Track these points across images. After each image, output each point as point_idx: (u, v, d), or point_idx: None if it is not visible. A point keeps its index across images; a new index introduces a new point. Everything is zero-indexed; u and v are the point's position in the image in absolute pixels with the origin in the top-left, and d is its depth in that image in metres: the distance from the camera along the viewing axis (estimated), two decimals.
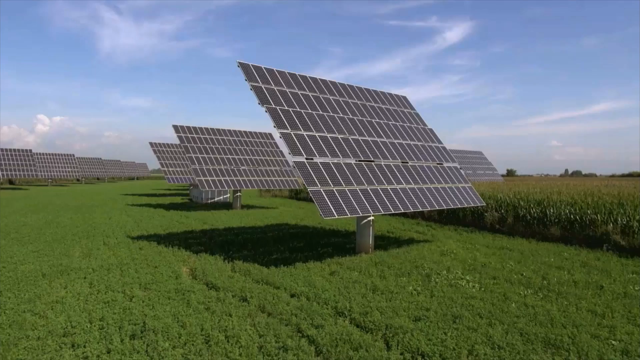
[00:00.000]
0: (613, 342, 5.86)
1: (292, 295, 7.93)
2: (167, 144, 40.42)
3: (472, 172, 49.41)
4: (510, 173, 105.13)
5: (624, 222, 12.94)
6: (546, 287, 8.66)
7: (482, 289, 8.53)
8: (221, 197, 33.15)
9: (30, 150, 53.65)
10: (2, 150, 49.81)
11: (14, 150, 52.08)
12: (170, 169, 38.33)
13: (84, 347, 5.54)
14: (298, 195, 36.26)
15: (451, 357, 5.28)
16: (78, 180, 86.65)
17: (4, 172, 42.87)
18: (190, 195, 36.74)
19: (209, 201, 32.34)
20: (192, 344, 5.62)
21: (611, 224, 13.10)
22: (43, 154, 64.06)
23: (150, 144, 39.86)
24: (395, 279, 9.24)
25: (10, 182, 66.41)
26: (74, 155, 70.11)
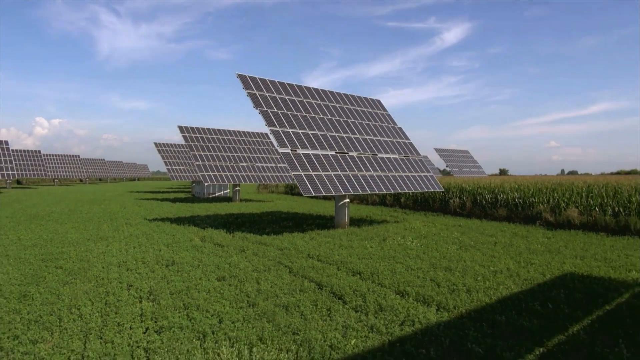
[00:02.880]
0: (491, 267, 8.66)
1: (278, 249, 10.72)
2: (171, 144, 43.18)
3: (458, 169, 52.26)
4: (502, 172, 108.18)
5: (553, 203, 15.77)
6: (470, 245, 11.46)
7: (421, 246, 11.33)
8: (221, 192, 35.94)
9: (39, 151, 56.37)
10: (13, 151, 52.48)
11: (24, 151, 54.78)
12: (174, 167, 41.07)
13: (136, 270, 8.33)
14: (293, 190, 39.07)
15: (377, 272, 8.08)
16: (81, 180, 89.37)
17: (15, 172, 45.56)
18: (193, 191, 39.50)
19: (210, 196, 35.13)
20: (207, 268, 8.42)
21: (543, 205, 15.92)
22: (50, 154, 66.74)
23: (155, 144, 42.63)
24: (359, 242, 12.02)
25: (18, 182, 69.06)
26: (79, 156, 72.84)
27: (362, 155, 15.44)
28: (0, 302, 6.18)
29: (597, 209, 14.48)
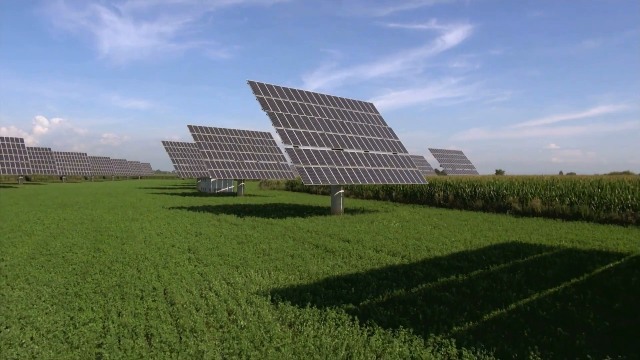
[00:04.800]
0: (452, 238, 10.94)
1: (283, 227, 13.02)
2: (178, 142, 45.46)
3: (452, 169, 54.56)
4: (498, 173, 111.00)
5: (522, 195, 18.08)
6: (443, 226, 13.74)
7: (402, 226, 13.62)
8: (226, 188, 38.21)
9: (49, 149, 58.65)
10: (28, 148, 54.69)
11: (36, 148, 57.07)
12: (181, 165, 43.34)
13: (172, 237, 10.61)
14: (294, 187, 41.37)
15: (361, 240, 10.36)
16: (86, 178, 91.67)
17: (29, 168, 47.81)
18: (199, 187, 41.78)
19: (216, 191, 37.40)
20: (228, 237, 10.71)
21: (513, 196, 18.23)
22: (60, 152, 69.01)
23: (163, 142, 44.93)
24: (350, 223, 14.30)
25: (27, 178, 71.31)
26: (86, 154, 75.12)
27: (356, 152, 17.74)
28: (83, 252, 8.48)
29: (557, 200, 16.78)
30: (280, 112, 16.41)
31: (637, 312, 5.27)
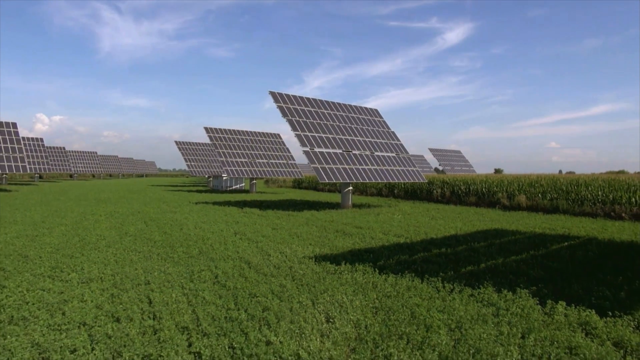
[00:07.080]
0: (446, 226, 13.30)
1: (304, 218, 15.38)
2: (191, 142, 47.84)
3: (450, 168, 56.93)
4: (497, 171, 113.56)
5: (510, 191, 20.44)
6: (439, 217, 16.11)
7: (404, 217, 15.99)
8: (237, 186, 40.60)
9: (64, 148, 61.08)
10: (47, 147, 57.06)
11: (50, 147, 59.48)
12: (192, 163, 45.70)
13: (216, 224, 12.97)
14: (300, 184, 43.74)
15: (371, 227, 12.73)
16: (94, 175, 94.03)
17: (44, 167, 50.16)
18: (211, 185, 44.16)
19: (228, 188, 39.77)
20: (262, 224, 13.08)
21: (502, 193, 20.59)
22: (73, 151, 71.42)
23: (176, 142, 47.30)
24: (360, 215, 16.66)
25: (40, 176, 73.70)
26: (96, 153, 77.53)
27: (363, 153, 20.11)
28: (156, 234, 10.84)
29: (539, 196, 19.14)
30: (298, 118, 18.77)
31: (567, 268, 7.63)
